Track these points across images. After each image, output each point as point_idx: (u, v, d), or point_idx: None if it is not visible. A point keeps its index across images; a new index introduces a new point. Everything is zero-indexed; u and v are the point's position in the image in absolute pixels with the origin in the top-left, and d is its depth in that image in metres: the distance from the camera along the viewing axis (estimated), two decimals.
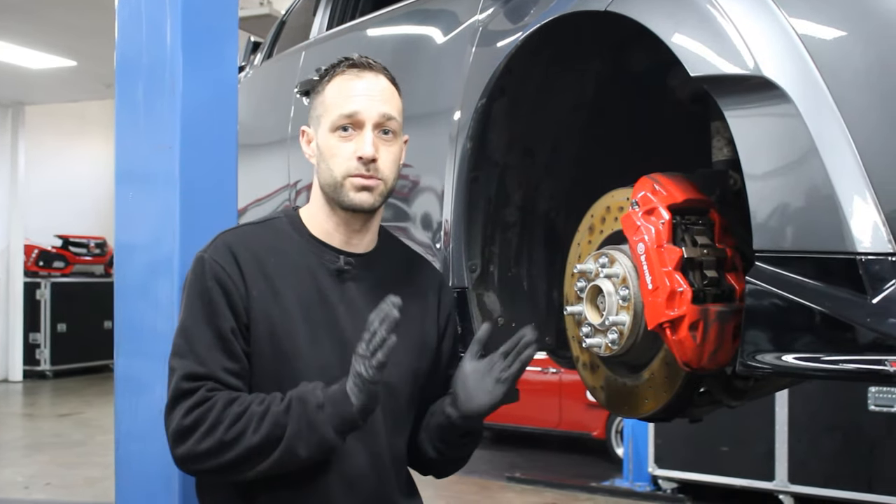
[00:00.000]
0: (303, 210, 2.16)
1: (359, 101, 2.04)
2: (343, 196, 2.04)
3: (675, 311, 1.88)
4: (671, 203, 1.95)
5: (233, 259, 2.01)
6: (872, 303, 1.56)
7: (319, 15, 4.07)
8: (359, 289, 2.10)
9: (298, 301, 2.03)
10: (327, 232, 2.11)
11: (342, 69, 2.10)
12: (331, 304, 2.06)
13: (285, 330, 2.00)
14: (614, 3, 1.99)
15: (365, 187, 2.03)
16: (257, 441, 1.89)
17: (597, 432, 8.63)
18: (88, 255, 15.45)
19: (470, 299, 2.51)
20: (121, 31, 2.85)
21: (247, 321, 1.99)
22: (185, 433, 1.91)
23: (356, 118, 2.03)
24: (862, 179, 1.58)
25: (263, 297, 2.00)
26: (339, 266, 2.08)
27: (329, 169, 2.05)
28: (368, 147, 2.02)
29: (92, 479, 7.74)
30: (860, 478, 6.43)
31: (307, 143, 2.15)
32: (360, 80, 2.07)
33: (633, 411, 2.22)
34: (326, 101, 2.08)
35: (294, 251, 2.08)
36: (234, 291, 1.98)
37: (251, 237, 2.09)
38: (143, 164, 2.77)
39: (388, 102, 2.08)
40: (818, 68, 1.63)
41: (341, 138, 2.04)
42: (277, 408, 1.91)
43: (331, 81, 2.09)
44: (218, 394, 1.93)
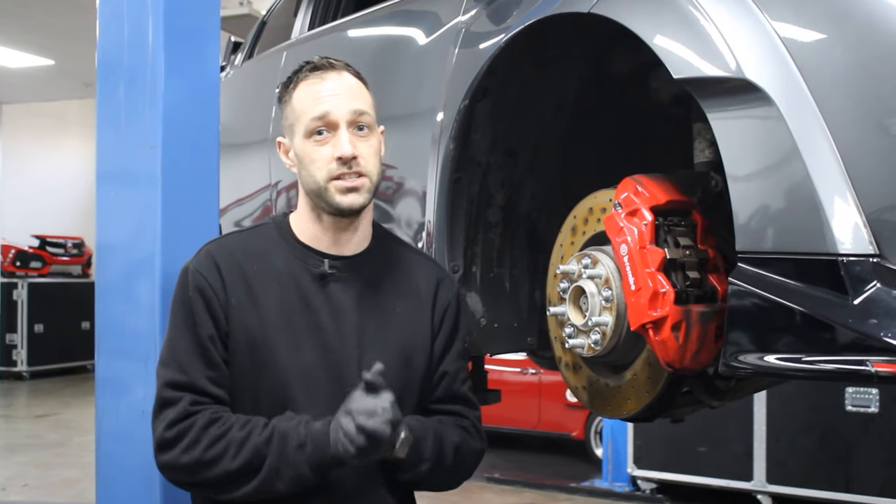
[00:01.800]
0: (292, 216, 2.15)
1: (327, 102, 2.02)
2: (330, 200, 2.02)
3: (657, 311, 1.89)
4: (654, 204, 1.96)
5: (215, 269, 2.02)
6: (854, 304, 1.57)
7: (301, 15, 4.06)
8: (344, 291, 2.07)
9: (279, 308, 2.02)
10: (315, 236, 2.09)
11: (304, 74, 2.08)
12: (313, 309, 2.04)
13: (263, 339, 1.99)
14: (597, 6, 2.00)
15: (351, 188, 2.01)
16: (235, 467, 1.90)
17: (576, 433, 8.65)
18: (66, 256, 15.36)
19: None
20: (102, 30, 2.83)
21: (227, 329, 2.00)
22: (166, 445, 1.94)
23: (328, 119, 2.01)
24: (843, 181, 1.59)
25: (242, 306, 2.00)
26: (323, 270, 2.07)
27: (311, 176, 2.03)
28: (346, 146, 2.00)
29: (70, 480, 7.70)
30: (837, 477, 6.47)
31: (285, 154, 2.13)
32: (325, 80, 2.05)
33: (616, 412, 2.22)
34: (295, 108, 2.06)
35: (278, 258, 2.07)
36: (214, 299, 1.99)
37: (235, 245, 2.08)
38: (124, 164, 2.76)
39: (357, 98, 2.05)
40: (800, 70, 1.64)
41: (317, 143, 2.02)
42: (258, 438, 1.91)
43: (296, 88, 2.08)
44: (201, 411, 1.94)
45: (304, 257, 2.08)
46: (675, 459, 7.11)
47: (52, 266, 15.09)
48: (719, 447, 6.91)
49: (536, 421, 8.86)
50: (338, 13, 3.73)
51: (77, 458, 8.37)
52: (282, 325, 2.01)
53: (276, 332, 2.00)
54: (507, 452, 9.03)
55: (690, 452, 7.01)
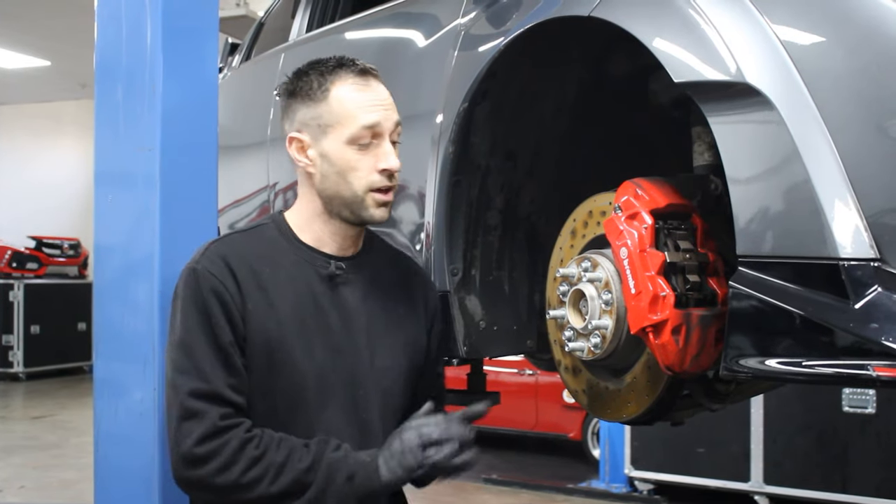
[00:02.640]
0: (289, 215, 2.12)
1: (378, 112, 2.00)
2: (363, 211, 2.01)
3: (657, 315, 1.89)
4: (654, 208, 1.96)
5: (228, 270, 1.96)
6: (855, 308, 1.57)
7: (298, 17, 4.06)
8: (351, 293, 2.08)
9: (293, 311, 1.99)
10: (320, 239, 2.08)
11: (346, 74, 2.02)
12: (324, 311, 2.03)
13: (280, 341, 1.97)
14: (597, 9, 1.99)
15: (385, 203, 2.01)
16: (275, 492, 1.87)
17: (573, 434, 8.65)
18: (62, 257, 15.35)
19: (451, 303, 2.51)
20: (100, 31, 2.83)
21: (244, 333, 1.95)
22: (197, 462, 1.87)
23: (377, 129, 1.99)
24: (844, 185, 1.59)
25: (259, 310, 1.96)
26: (331, 272, 2.05)
27: (346, 183, 1.99)
28: (395, 160, 2.00)
29: (67, 482, 7.69)
30: (834, 478, 6.48)
31: (298, 151, 2.05)
32: (371, 89, 2.03)
33: (616, 415, 2.22)
34: (334, 110, 1.99)
35: (286, 260, 2.04)
36: (231, 303, 1.94)
37: (243, 247, 2.03)
38: (122, 166, 2.76)
39: (395, 110, 2.06)
40: (801, 74, 1.64)
41: (360, 151, 1.99)
42: (300, 464, 1.88)
43: (334, 86, 2.01)
44: (233, 427, 1.89)
45: (310, 259, 2.06)
46: (673, 460, 7.12)
47: (49, 267, 15.08)
48: (716, 448, 6.91)
49: (533, 422, 8.86)
50: (336, 15, 3.72)
51: (74, 459, 8.36)
52: (296, 328, 1.99)
53: (291, 334, 1.98)
54: (505, 453, 9.03)
55: (688, 453, 7.01)
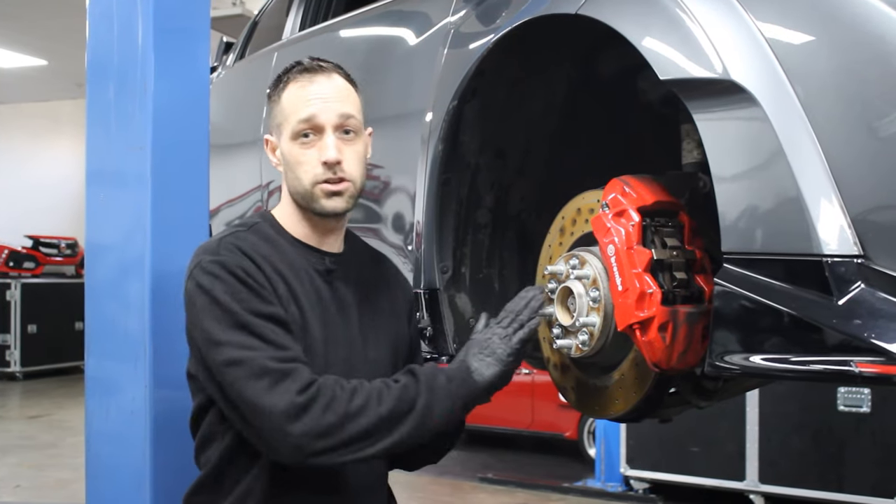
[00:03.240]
0: (276, 212, 2.15)
1: (314, 105, 2.03)
2: (315, 203, 2.04)
3: (644, 312, 1.89)
4: (641, 205, 1.96)
5: (250, 260, 1.97)
6: (838, 304, 1.57)
7: (292, 16, 4.06)
8: (345, 288, 2.12)
9: (307, 300, 2.03)
10: (305, 234, 2.11)
11: (294, 75, 2.08)
12: (325, 304, 2.07)
13: (304, 329, 2.00)
14: (585, 7, 2.00)
15: (335, 192, 2.03)
16: (385, 412, 1.88)
17: (569, 433, 8.65)
18: (59, 256, 15.35)
19: (441, 300, 2.52)
20: (92, 31, 2.84)
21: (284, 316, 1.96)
22: (301, 411, 1.83)
23: (314, 122, 2.02)
24: (828, 182, 1.60)
25: (284, 295, 1.99)
26: (327, 266, 2.10)
27: (297, 178, 2.05)
28: (331, 151, 2.01)
29: (63, 481, 7.69)
30: (830, 477, 6.48)
31: (272, 152, 2.15)
32: (313, 83, 2.05)
33: (604, 412, 2.23)
34: (284, 108, 2.07)
35: (288, 253, 2.07)
36: (266, 281, 1.95)
37: (252, 240, 2.04)
38: (114, 165, 2.76)
39: (344, 101, 2.06)
40: (785, 72, 1.65)
41: (303, 145, 2.03)
42: (398, 384, 1.92)
43: (285, 89, 2.08)
44: (322, 377, 1.89)
45: (306, 254, 2.10)
46: (668, 459, 7.12)
47: (46, 266, 15.08)
48: (712, 447, 6.92)
49: (529, 421, 8.86)
50: (329, 14, 3.73)
51: (70, 458, 8.35)
52: (312, 317, 2.03)
53: (312, 321, 2.02)
54: (501, 453, 9.03)
55: (683, 452, 7.01)
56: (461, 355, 2.01)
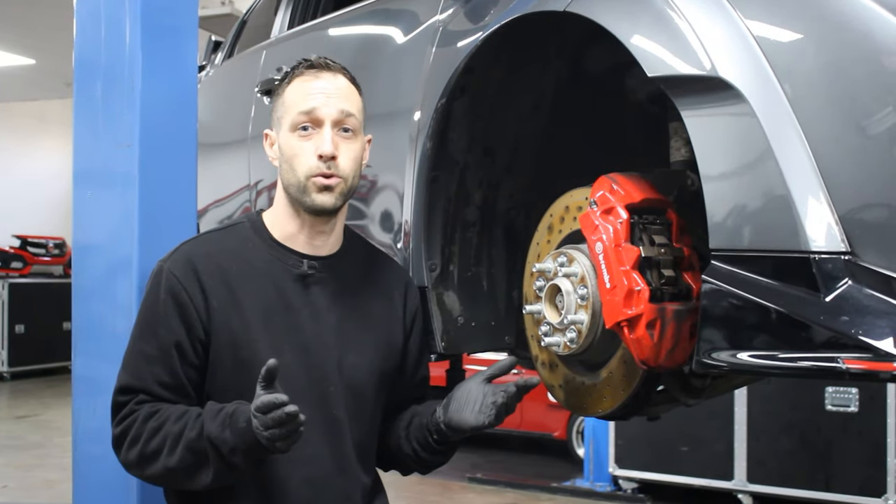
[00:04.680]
0: (266, 214, 2.16)
1: (316, 99, 2.05)
2: (306, 197, 2.04)
3: (632, 309, 1.89)
4: (629, 203, 1.96)
5: (192, 271, 2.00)
6: (826, 301, 1.58)
7: (280, 14, 4.05)
8: (323, 292, 2.10)
9: (260, 309, 2.02)
10: (291, 235, 2.10)
11: (300, 70, 2.10)
12: (294, 310, 2.05)
13: (245, 339, 1.99)
14: (573, 4, 2.00)
15: (326, 187, 2.03)
16: (173, 464, 1.90)
17: (558, 433, 8.66)
18: (47, 256, 15.31)
19: (430, 298, 2.51)
20: (79, 29, 2.83)
21: (203, 335, 1.98)
22: (116, 443, 1.99)
23: (314, 115, 2.04)
24: (816, 179, 1.60)
25: (224, 308, 1.99)
26: (303, 271, 2.08)
27: (292, 170, 2.05)
28: (327, 144, 2.02)
29: (50, 482, 7.66)
30: (817, 477, 6.50)
31: (270, 146, 2.15)
32: (318, 79, 2.08)
33: (592, 410, 2.23)
34: (286, 102, 2.09)
35: (257, 258, 2.07)
36: (189, 305, 1.98)
37: (213, 245, 2.08)
38: (101, 164, 2.75)
39: (346, 99, 2.08)
40: (773, 69, 1.65)
41: (301, 137, 2.04)
42: (191, 433, 1.89)
43: (290, 83, 2.10)
44: (143, 406, 1.96)
45: (282, 257, 2.08)
46: (657, 459, 7.13)
47: (34, 266, 15.04)
48: (700, 447, 6.93)
49: (518, 421, 8.85)
50: (317, 12, 3.72)
51: (58, 459, 8.33)
52: (263, 326, 2.01)
53: (258, 332, 2.00)
54: (490, 452, 9.03)
55: (672, 452, 7.02)
56: None
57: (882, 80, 1.58)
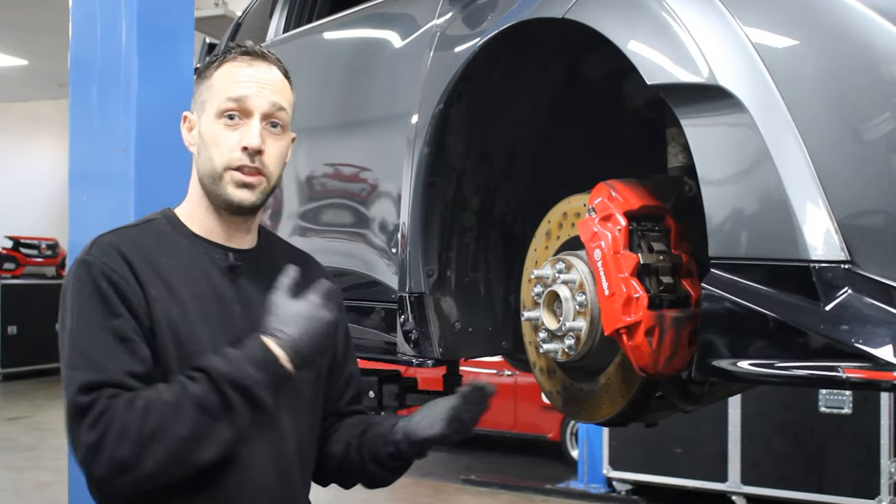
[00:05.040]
0: (179, 209, 2.02)
1: (248, 87, 1.92)
2: (221, 190, 1.91)
3: (631, 316, 1.89)
4: (627, 209, 1.96)
5: (123, 261, 1.85)
6: (825, 310, 1.58)
7: (276, 17, 4.04)
8: (252, 285, 1.99)
9: (196, 300, 1.90)
10: (209, 228, 1.98)
11: (233, 55, 1.96)
12: (226, 303, 1.94)
13: (188, 331, 1.87)
14: (571, 11, 2.00)
15: (246, 184, 1.90)
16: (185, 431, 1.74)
17: (552, 434, 8.66)
18: (40, 257, 15.27)
19: (427, 304, 2.51)
20: (75, 32, 2.82)
21: (149, 324, 1.84)
22: (94, 448, 1.72)
23: (244, 104, 1.91)
24: (815, 187, 1.60)
25: (162, 298, 1.86)
26: (231, 263, 1.97)
27: (210, 159, 1.91)
28: (255, 137, 1.89)
29: (43, 484, 7.65)
30: (811, 478, 6.52)
31: (188, 131, 2.00)
32: (252, 67, 1.95)
33: (590, 416, 2.22)
34: (213, 85, 1.94)
35: (181, 251, 1.94)
36: (128, 289, 1.83)
37: (135, 238, 1.92)
38: (97, 167, 2.75)
39: (279, 93, 1.96)
40: (772, 77, 1.65)
41: (226, 126, 1.90)
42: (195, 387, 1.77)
43: (220, 67, 1.95)
44: (116, 399, 1.74)
45: (207, 251, 1.97)
46: (651, 461, 7.14)
47: (26, 267, 14.99)
48: (694, 448, 6.94)
49: (512, 422, 8.86)
50: (313, 16, 3.72)
51: (50, 461, 8.31)
52: (201, 317, 1.90)
53: (197, 325, 1.89)
54: (483, 454, 9.03)
55: (666, 454, 7.03)
56: None
57: (881, 87, 1.58)
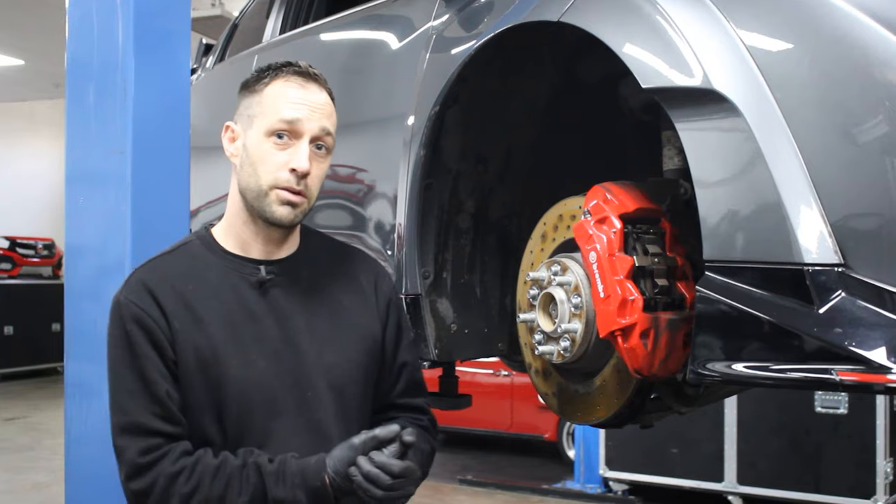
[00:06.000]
0: (216, 228, 2.08)
1: (301, 110, 1.96)
2: (265, 206, 1.96)
3: (626, 319, 1.90)
4: (623, 212, 1.97)
5: (149, 296, 1.93)
6: (819, 313, 1.59)
7: (273, 18, 4.05)
8: (286, 295, 2.03)
9: (224, 323, 1.96)
10: (244, 242, 2.03)
11: (286, 74, 2.00)
12: (258, 318, 1.98)
13: (214, 357, 1.93)
14: (567, 14, 2.00)
15: (290, 202, 1.96)
16: None
17: (548, 434, 8.67)
18: (36, 257, 15.25)
19: (423, 306, 2.51)
20: (72, 33, 2.83)
21: (174, 356, 1.92)
22: (135, 498, 1.90)
23: (295, 126, 1.95)
24: (809, 190, 1.61)
25: (186, 328, 1.93)
26: (261, 277, 2.01)
27: (255, 174, 1.96)
28: (304, 161, 1.94)
29: (39, 484, 7.64)
30: (807, 478, 6.52)
31: (230, 141, 2.04)
32: (305, 89, 1.99)
33: (585, 418, 2.23)
34: (264, 101, 1.98)
35: (212, 273, 2.00)
36: (156, 329, 1.91)
37: (165, 267, 2.00)
38: (94, 168, 2.75)
39: (328, 118, 2.00)
40: (767, 81, 1.66)
41: (275, 145, 1.95)
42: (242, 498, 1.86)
43: (272, 83, 2.00)
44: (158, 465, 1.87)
45: (238, 267, 2.01)
46: (647, 461, 7.15)
47: (23, 267, 14.97)
48: (690, 448, 6.95)
49: (509, 423, 8.87)
50: (309, 17, 3.72)
51: (47, 461, 8.30)
52: (229, 340, 1.95)
53: (224, 347, 1.94)
54: (480, 454, 9.04)
55: (662, 454, 7.04)
56: None
57: (874, 91, 1.59)
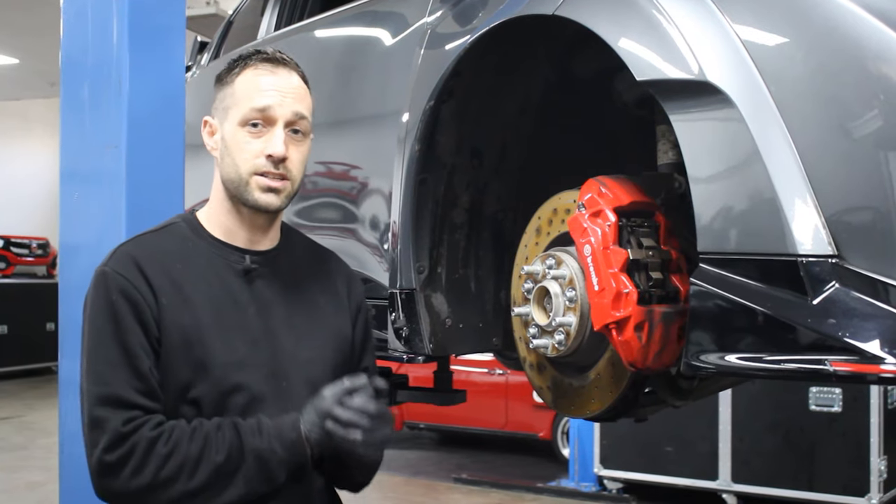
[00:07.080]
0: (200, 212, 2.08)
1: (271, 97, 1.97)
2: (247, 195, 1.97)
3: (620, 312, 1.90)
4: (617, 205, 1.97)
5: (137, 269, 1.91)
6: (813, 304, 1.59)
7: (267, 15, 4.05)
8: (268, 287, 2.03)
9: (209, 306, 1.95)
10: (229, 230, 2.03)
11: (254, 62, 2.01)
12: (241, 306, 1.98)
13: (197, 337, 1.91)
14: (562, 8, 2.01)
15: (271, 188, 1.96)
16: (195, 487, 1.83)
17: (543, 433, 8.67)
18: (30, 256, 15.23)
19: (418, 300, 2.51)
20: (66, 30, 2.82)
21: (158, 333, 1.90)
22: (109, 470, 1.81)
23: (267, 114, 1.96)
24: (803, 183, 1.61)
25: (173, 306, 1.91)
26: (246, 266, 2.01)
27: (234, 165, 1.97)
28: (279, 146, 1.94)
29: (34, 484, 7.63)
30: (801, 476, 6.54)
31: (210, 135, 2.06)
32: (274, 75, 2.00)
33: (580, 411, 2.23)
34: (236, 92, 1.99)
35: (199, 255, 2.00)
36: (142, 302, 1.89)
37: (154, 244, 1.99)
38: (88, 164, 2.75)
39: (301, 101, 2.01)
40: (761, 74, 1.67)
41: (250, 134, 1.96)
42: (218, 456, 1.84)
43: (242, 73, 2.00)
44: (139, 431, 1.82)
45: (224, 254, 2.01)
46: (642, 459, 7.16)
47: (17, 266, 14.96)
48: (685, 447, 6.96)
49: (504, 421, 8.88)
50: (304, 13, 3.72)
51: (41, 460, 8.30)
52: (214, 324, 1.94)
53: (209, 330, 1.93)
54: (475, 453, 9.05)
55: (657, 452, 7.05)
56: None
57: (869, 84, 1.60)
